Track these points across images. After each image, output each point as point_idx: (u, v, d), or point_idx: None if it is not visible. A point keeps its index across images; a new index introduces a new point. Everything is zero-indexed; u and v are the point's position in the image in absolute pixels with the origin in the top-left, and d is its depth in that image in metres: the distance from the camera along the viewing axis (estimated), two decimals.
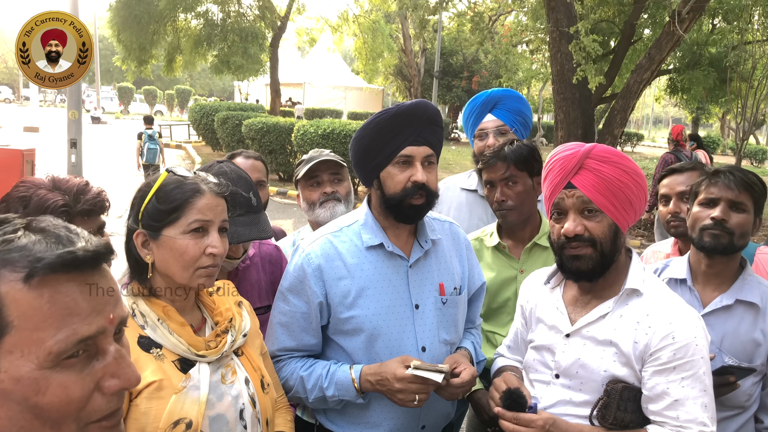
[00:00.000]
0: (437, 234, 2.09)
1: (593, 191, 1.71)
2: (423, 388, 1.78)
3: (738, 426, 2.04)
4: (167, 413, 1.46)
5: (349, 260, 1.94)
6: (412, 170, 1.88)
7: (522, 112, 2.95)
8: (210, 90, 71.40)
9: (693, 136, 10.86)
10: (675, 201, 2.57)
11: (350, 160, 2.02)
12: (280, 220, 11.34)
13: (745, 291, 2.05)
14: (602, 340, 1.72)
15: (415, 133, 1.88)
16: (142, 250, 1.60)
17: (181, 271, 1.58)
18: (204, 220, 1.59)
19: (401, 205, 1.90)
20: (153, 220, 1.58)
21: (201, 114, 20.69)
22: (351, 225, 2.02)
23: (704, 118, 32.67)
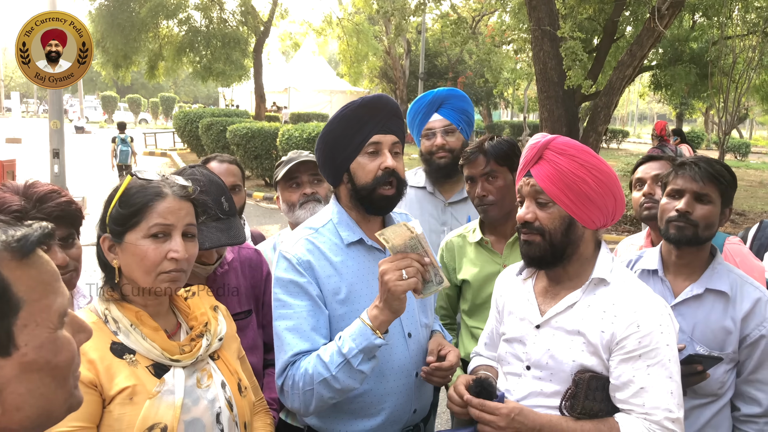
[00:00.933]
0: None
1: (546, 181, 1.73)
2: (405, 261, 1.69)
3: (712, 413, 2.05)
4: (141, 419, 1.44)
5: (333, 258, 1.93)
6: (382, 158, 1.91)
7: (467, 111, 3.00)
8: (195, 97, 71.16)
9: (676, 132, 10.96)
10: (649, 183, 2.60)
11: (317, 161, 2.02)
12: (267, 225, 11.27)
13: (714, 280, 2.06)
14: (571, 330, 1.73)
15: (381, 123, 1.91)
16: (109, 255, 1.59)
17: (143, 276, 1.56)
18: (165, 224, 1.56)
19: (373, 196, 1.91)
20: (116, 224, 1.57)
21: (185, 121, 20.58)
22: (325, 225, 2.00)
23: (688, 114, 32.97)
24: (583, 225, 1.76)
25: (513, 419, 1.67)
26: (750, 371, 2.04)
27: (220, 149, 16.83)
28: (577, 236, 1.76)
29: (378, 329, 1.73)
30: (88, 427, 1.43)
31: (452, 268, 2.63)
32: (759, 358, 2.02)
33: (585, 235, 1.78)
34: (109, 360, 1.48)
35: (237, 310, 2.25)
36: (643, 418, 1.63)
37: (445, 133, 2.93)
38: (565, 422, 1.68)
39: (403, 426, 2.02)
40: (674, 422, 1.62)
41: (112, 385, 1.46)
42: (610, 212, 1.78)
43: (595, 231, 1.81)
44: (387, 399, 1.95)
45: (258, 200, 14.75)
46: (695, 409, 2.04)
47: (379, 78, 31.87)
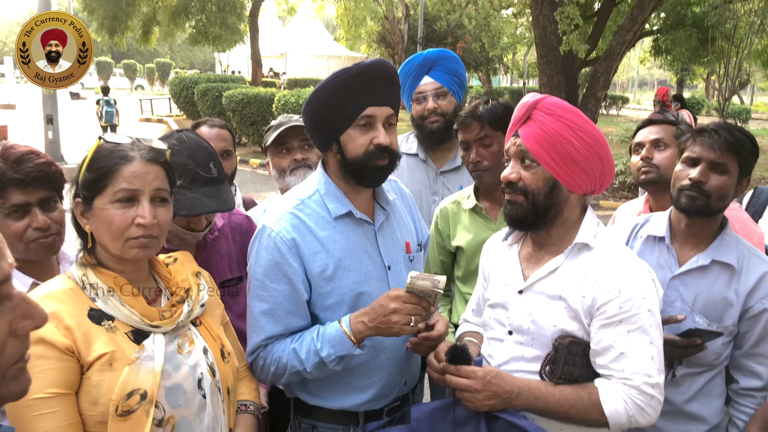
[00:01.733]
0: (392, 193, 2.06)
1: (532, 142, 1.70)
2: (417, 308, 1.73)
3: (705, 381, 2.05)
4: (120, 384, 1.43)
5: (319, 233, 1.87)
6: (374, 132, 1.82)
7: (458, 72, 2.93)
8: (191, 62, 70.26)
9: (677, 97, 10.86)
10: (648, 147, 2.56)
11: (305, 125, 1.93)
12: (264, 192, 11.24)
13: (722, 251, 2.02)
14: (552, 295, 1.72)
15: (376, 94, 1.80)
16: (82, 220, 1.56)
17: (111, 242, 1.52)
18: (130, 189, 1.51)
19: (365, 168, 1.83)
20: (85, 189, 1.53)
21: (181, 87, 20.37)
22: (311, 196, 1.92)
23: (689, 79, 32.65)
24: (568, 188, 1.73)
25: (489, 382, 1.66)
26: (751, 344, 2.01)
27: (216, 115, 16.70)
28: (561, 199, 1.73)
29: (358, 341, 1.78)
30: (66, 393, 1.41)
31: (446, 234, 2.61)
32: (761, 331, 1.99)
33: (570, 199, 1.75)
34: (87, 326, 1.46)
35: (228, 277, 2.24)
36: (623, 383, 1.62)
37: (436, 97, 2.86)
38: (544, 386, 1.68)
39: (395, 398, 2.01)
40: (653, 387, 1.61)
41: (90, 351, 1.44)
42: (597, 177, 1.74)
43: (581, 196, 1.78)
44: (378, 373, 1.94)
45: (254, 167, 14.66)
46: (688, 377, 2.05)
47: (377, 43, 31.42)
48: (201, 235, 2.15)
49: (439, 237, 2.63)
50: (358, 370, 1.92)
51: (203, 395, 1.58)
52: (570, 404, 1.64)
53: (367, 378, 1.93)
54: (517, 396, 1.67)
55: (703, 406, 2.05)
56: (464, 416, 1.74)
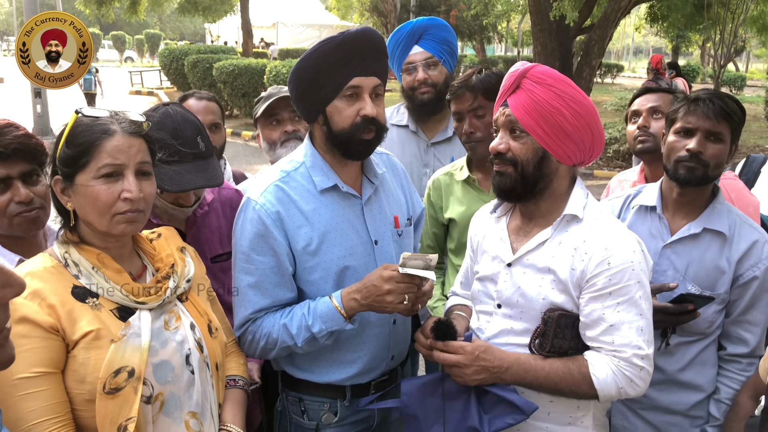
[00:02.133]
0: (381, 167, 2.03)
1: (522, 111, 1.67)
2: (411, 287, 1.73)
3: (698, 350, 2.05)
4: (107, 362, 1.41)
5: (304, 207, 1.85)
6: (361, 103, 1.79)
7: (449, 41, 2.88)
8: (181, 33, 69.25)
9: (671, 65, 10.78)
10: (645, 116, 2.53)
11: (290, 95, 1.89)
12: (257, 165, 11.17)
13: (713, 220, 2.02)
14: (541, 268, 1.70)
15: (362, 63, 1.77)
16: (62, 197, 1.53)
17: (98, 218, 1.49)
18: (115, 163, 1.48)
19: (351, 141, 1.80)
20: (65, 166, 1.49)
21: (171, 58, 20.10)
22: (297, 168, 1.90)
23: (684, 47, 32.41)
24: (558, 159, 1.71)
25: (477, 357, 1.66)
26: (740, 312, 2.02)
27: (206, 87, 16.50)
28: (550, 170, 1.71)
29: (350, 316, 1.78)
30: (52, 372, 1.40)
31: (439, 206, 2.59)
32: (750, 299, 2.00)
33: (559, 170, 1.73)
34: (71, 304, 1.44)
35: (219, 252, 2.22)
36: (612, 356, 1.62)
37: (426, 67, 2.82)
38: (534, 360, 1.68)
39: (382, 372, 2.01)
40: (643, 359, 1.61)
41: (75, 329, 1.43)
42: (587, 148, 1.72)
43: (571, 167, 1.76)
44: (364, 347, 1.94)
45: (247, 139, 14.56)
46: (681, 346, 2.05)
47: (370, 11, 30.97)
48: (190, 211, 2.12)
49: (431, 209, 2.61)
50: (344, 345, 1.91)
51: (191, 371, 1.57)
52: (560, 377, 1.64)
53: (354, 352, 1.93)
54: (506, 370, 1.67)
55: (697, 375, 2.05)
56: (454, 390, 1.74)
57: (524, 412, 1.64)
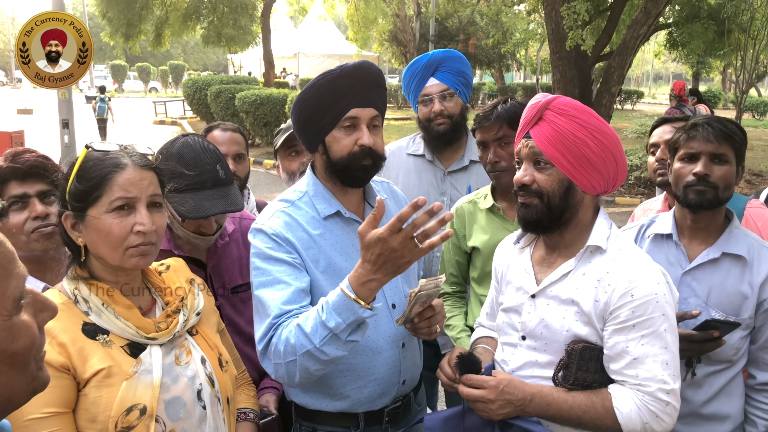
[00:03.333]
0: (382, 194, 2.06)
1: (545, 143, 1.67)
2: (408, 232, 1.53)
3: (726, 380, 2.00)
4: (119, 400, 1.40)
5: (312, 231, 1.87)
6: (358, 133, 1.83)
7: (464, 72, 2.89)
8: (204, 64, 70.65)
9: (693, 91, 10.69)
10: (663, 148, 2.54)
11: (293, 126, 1.94)
12: (276, 193, 11.23)
13: (731, 244, 2.00)
14: (565, 299, 1.69)
15: (359, 95, 1.82)
16: (73, 233, 1.52)
17: (110, 252, 1.49)
18: (127, 196, 1.48)
19: (349, 169, 1.85)
20: (76, 201, 1.49)
21: (194, 89, 20.44)
22: (301, 198, 1.94)
23: (705, 73, 32.26)
24: (583, 189, 1.70)
25: (502, 391, 1.64)
26: (767, 338, 1.98)
27: (229, 117, 16.75)
28: (575, 201, 1.71)
29: (364, 299, 1.59)
30: (63, 412, 1.38)
31: (462, 234, 2.58)
32: None
33: (584, 200, 1.72)
34: (82, 342, 1.43)
35: (239, 282, 2.23)
36: (637, 390, 1.59)
37: (442, 98, 2.83)
38: (557, 392, 1.65)
39: (393, 398, 1.98)
40: (669, 393, 1.58)
41: (86, 367, 1.41)
42: (611, 177, 1.71)
43: (594, 197, 1.75)
44: (374, 372, 1.91)
45: (268, 168, 14.69)
46: (709, 376, 2.00)
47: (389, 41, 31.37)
48: (212, 240, 2.13)
49: (454, 237, 2.59)
50: (353, 371, 1.89)
51: (203, 406, 1.55)
52: (583, 410, 1.62)
53: (363, 378, 1.90)
54: (529, 403, 1.64)
55: (724, 406, 2.00)
56: (477, 423, 1.72)
57: None
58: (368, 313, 1.60)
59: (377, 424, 1.95)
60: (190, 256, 2.11)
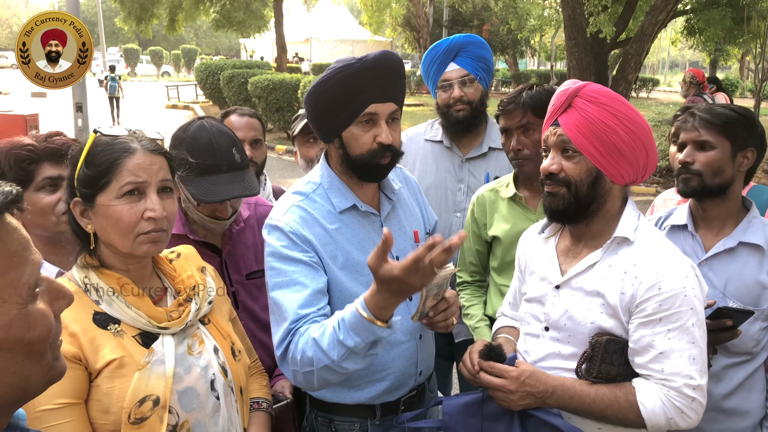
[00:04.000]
0: (397, 182, 2.01)
1: (574, 131, 1.63)
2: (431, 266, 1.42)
3: (746, 374, 1.97)
4: (132, 391, 1.37)
5: (327, 226, 1.82)
6: (377, 130, 1.76)
7: (485, 58, 2.83)
8: (216, 49, 70.63)
9: (711, 79, 10.52)
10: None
11: (307, 116, 1.86)
12: (290, 178, 11.25)
13: (749, 233, 1.97)
14: (590, 291, 1.66)
15: (380, 89, 1.73)
16: (82, 220, 1.48)
17: (120, 239, 1.45)
18: (137, 181, 1.44)
19: (368, 167, 1.79)
20: (85, 187, 1.45)
21: (207, 73, 20.46)
22: (315, 190, 1.88)
23: (722, 60, 31.77)
24: (611, 179, 1.66)
25: (523, 382, 1.62)
26: None
27: (241, 102, 16.74)
28: (603, 191, 1.67)
29: (382, 318, 1.52)
30: (75, 403, 1.36)
31: (483, 223, 2.54)
32: None
33: (612, 190, 1.68)
34: (93, 332, 1.40)
35: (254, 269, 2.21)
36: (662, 384, 1.56)
37: (462, 84, 2.77)
38: (579, 385, 1.62)
39: (410, 388, 1.97)
40: (695, 389, 1.55)
41: (98, 357, 1.38)
42: (641, 167, 1.67)
43: (623, 187, 1.70)
44: (392, 365, 1.89)
45: (280, 153, 14.69)
46: (728, 369, 1.97)
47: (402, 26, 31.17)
48: (227, 224, 2.12)
49: (475, 225, 2.56)
50: (371, 364, 1.84)
51: (216, 397, 1.53)
52: (606, 404, 1.59)
53: (381, 371, 1.88)
54: (551, 395, 1.62)
55: (745, 401, 1.97)
56: (496, 411, 1.70)
57: None
58: (387, 332, 1.55)
59: (393, 413, 1.94)
60: (204, 241, 2.09)
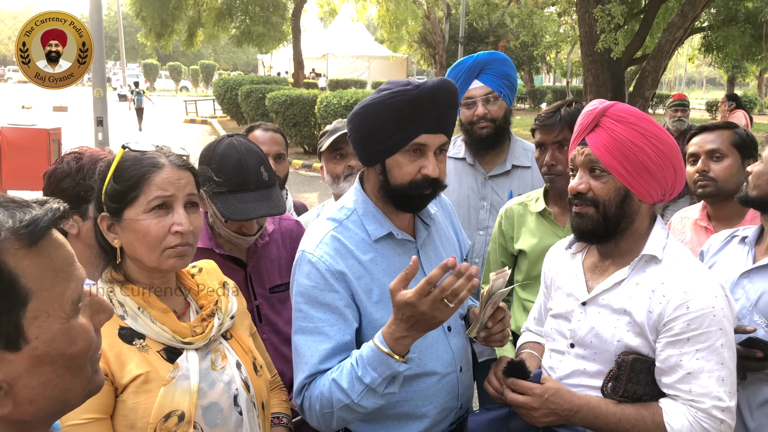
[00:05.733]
0: (433, 207, 1.94)
1: (603, 151, 1.63)
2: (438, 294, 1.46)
3: None
4: (157, 406, 1.38)
5: (362, 257, 1.73)
6: (424, 161, 1.66)
7: (509, 75, 2.83)
8: (234, 64, 71.41)
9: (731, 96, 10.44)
10: (704, 159, 2.52)
11: (348, 135, 1.78)
12: (305, 193, 11.31)
13: None
14: (617, 309, 1.65)
15: (432, 120, 1.64)
16: (109, 235, 1.50)
17: (147, 253, 1.46)
18: (165, 195, 1.46)
19: (408, 197, 1.71)
20: (113, 201, 1.47)
21: (225, 88, 20.67)
22: (349, 216, 1.79)
23: (740, 77, 31.59)
24: (640, 198, 1.66)
25: (547, 400, 1.62)
26: None
27: (259, 117, 16.90)
28: (632, 210, 1.66)
29: (399, 353, 1.53)
30: (102, 418, 1.36)
31: (510, 236, 2.54)
32: None
33: (641, 209, 1.68)
34: (119, 347, 1.41)
35: (278, 282, 2.24)
36: (690, 405, 1.54)
37: (486, 102, 2.78)
38: (605, 404, 1.61)
39: (451, 422, 1.89)
40: (724, 411, 1.52)
41: (124, 373, 1.39)
42: (669, 185, 1.67)
43: (651, 205, 1.70)
44: (433, 400, 1.81)
45: (296, 168, 14.78)
46: (754, 384, 1.92)
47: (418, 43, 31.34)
48: (252, 240, 2.15)
49: (501, 238, 2.56)
50: (412, 399, 1.78)
51: (239, 412, 1.53)
52: (632, 424, 1.58)
53: (422, 406, 1.79)
54: (575, 414, 1.62)
55: None
56: (521, 427, 1.69)
57: None
58: (403, 367, 1.55)
59: None
60: (230, 255, 2.13)
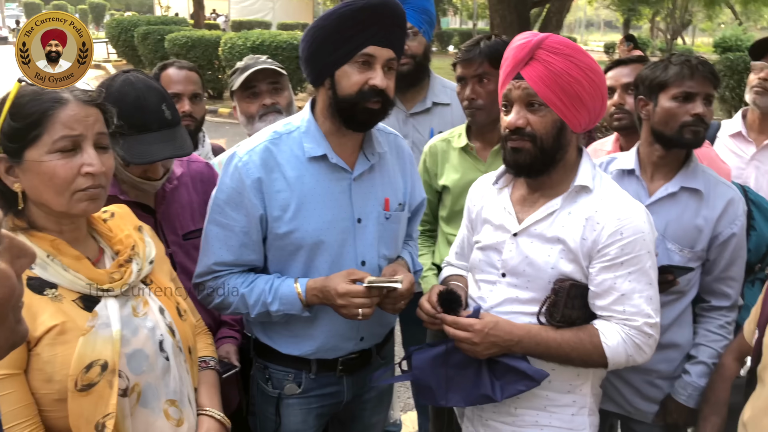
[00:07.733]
0: (383, 146, 1.95)
1: (540, 84, 1.62)
2: (366, 303, 1.72)
3: (678, 312, 2.09)
4: (77, 357, 1.30)
5: (288, 172, 1.80)
6: (372, 73, 1.72)
7: (428, 10, 2.81)
8: (126, 4, 66.74)
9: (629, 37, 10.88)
10: (620, 93, 2.57)
11: (300, 54, 1.82)
12: (212, 139, 10.86)
13: (689, 178, 2.06)
14: (550, 238, 1.70)
15: (381, 33, 1.71)
16: (8, 178, 1.36)
17: (55, 197, 1.35)
18: (72, 135, 1.35)
19: (355, 109, 1.74)
20: (11, 141, 1.33)
21: (119, 30, 19.43)
22: (291, 132, 1.85)
23: (635, 20, 32.90)
24: (572, 129, 1.69)
25: (487, 334, 1.66)
26: (722, 269, 2.07)
27: (158, 59, 15.94)
28: (566, 141, 1.69)
29: (309, 306, 1.80)
30: (15, 374, 1.28)
31: (434, 173, 2.55)
32: (730, 256, 2.05)
33: (572, 140, 1.71)
34: (28, 297, 1.30)
35: (191, 228, 2.11)
36: (623, 324, 1.64)
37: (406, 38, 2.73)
38: (545, 332, 1.67)
39: (349, 351, 1.96)
40: (652, 327, 1.65)
41: (36, 325, 1.29)
42: (596, 114, 1.71)
43: (578, 135, 1.74)
44: (319, 325, 1.89)
45: None
46: (665, 307, 2.04)
47: None
48: (159, 184, 2.00)
49: (426, 175, 2.56)
50: (309, 321, 1.87)
51: (166, 357, 1.48)
52: (571, 347, 1.65)
53: (312, 329, 1.89)
54: (517, 344, 1.67)
55: (676, 335, 2.10)
56: (464, 360, 1.74)
57: (535, 379, 1.66)
58: (306, 314, 1.82)
59: (330, 371, 1.94)
60: (136, 201, 1.98)
